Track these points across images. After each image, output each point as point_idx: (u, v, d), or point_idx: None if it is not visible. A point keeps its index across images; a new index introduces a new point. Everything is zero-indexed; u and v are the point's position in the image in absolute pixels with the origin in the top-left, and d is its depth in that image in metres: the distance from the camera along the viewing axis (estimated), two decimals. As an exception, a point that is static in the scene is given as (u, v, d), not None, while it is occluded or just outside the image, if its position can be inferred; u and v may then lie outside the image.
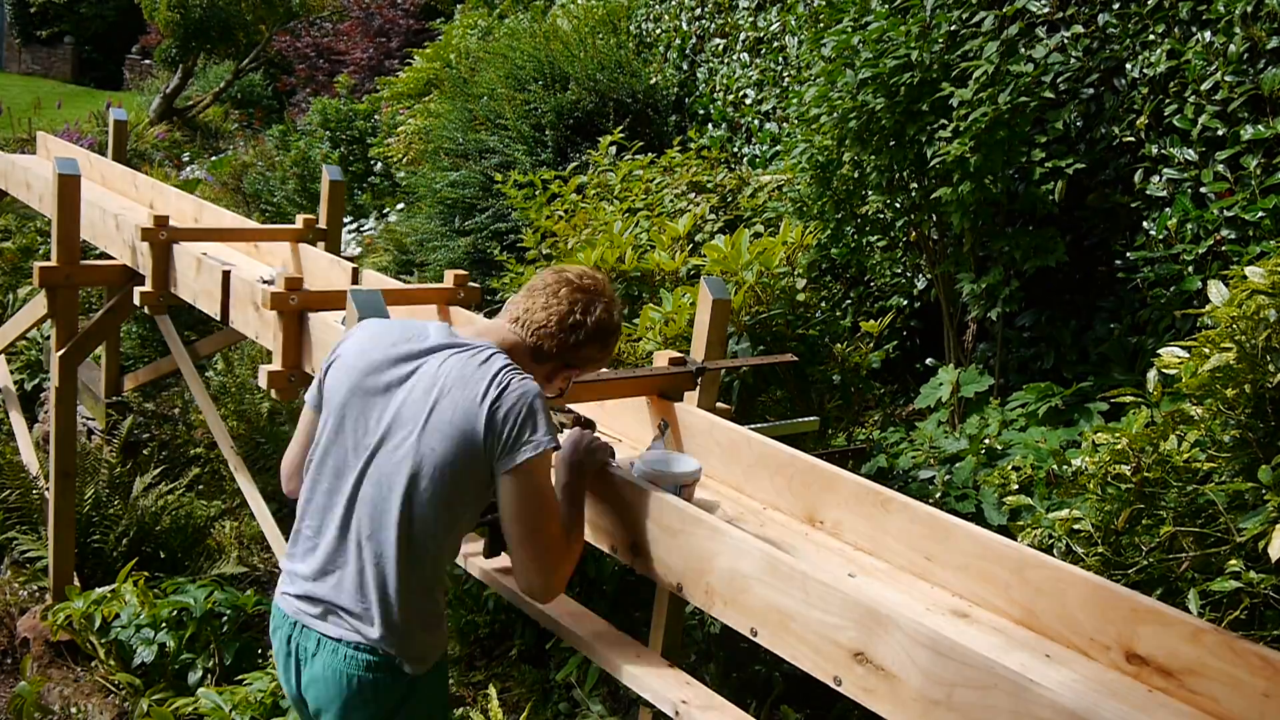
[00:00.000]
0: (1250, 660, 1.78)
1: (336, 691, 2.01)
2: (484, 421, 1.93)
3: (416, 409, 1.97)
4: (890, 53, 3.68)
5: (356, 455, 2.01)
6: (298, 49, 13.62)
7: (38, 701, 3.87)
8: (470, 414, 1.94)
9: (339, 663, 2.00)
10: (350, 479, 2.01)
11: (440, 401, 1.96)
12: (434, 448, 1.95)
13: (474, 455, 1.95)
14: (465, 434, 1.94)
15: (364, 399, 2.02)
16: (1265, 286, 2.30)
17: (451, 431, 1.94)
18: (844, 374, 3.83)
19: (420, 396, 1.98)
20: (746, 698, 3.41)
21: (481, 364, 2.00)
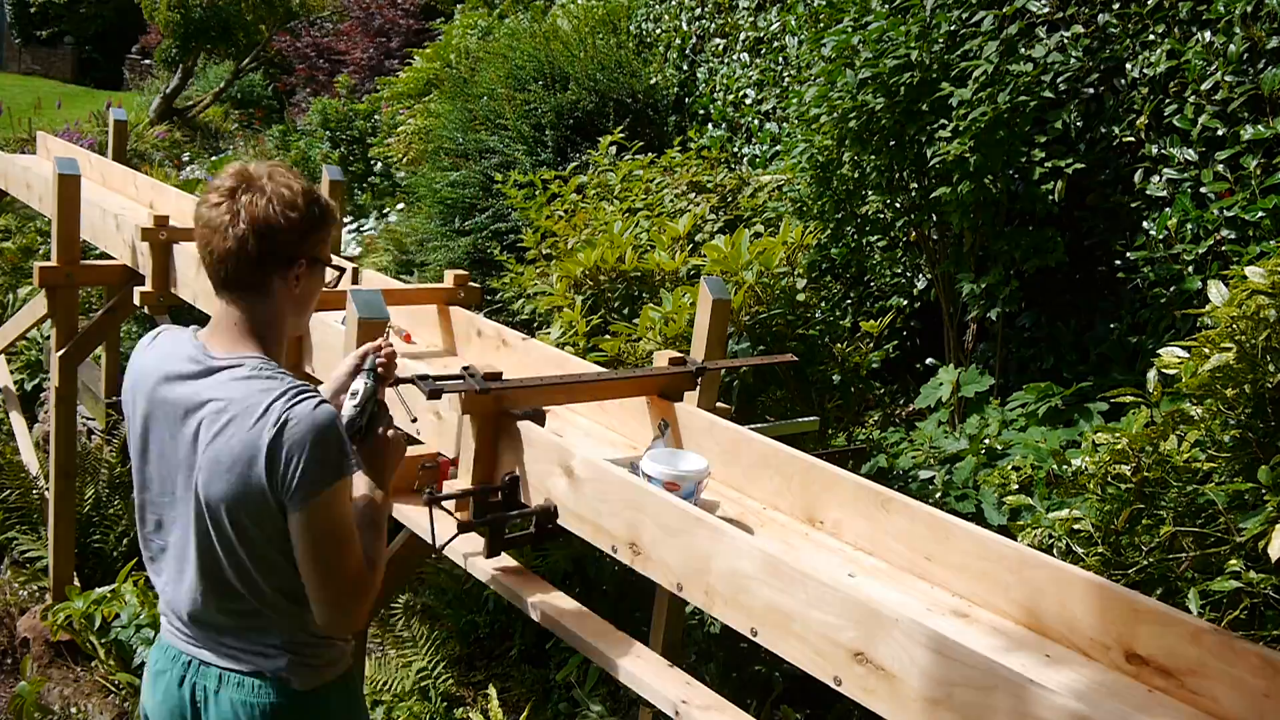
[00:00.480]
0: (1250, 660, 1.78)
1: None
2: (263, 461, 1.73)
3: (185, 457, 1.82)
4: (890, 53, 3.68)
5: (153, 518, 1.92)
6: (298, 49, 13.62)
7: (38, 701, 3.87)
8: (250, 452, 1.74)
9: (243, 694, 1.88)
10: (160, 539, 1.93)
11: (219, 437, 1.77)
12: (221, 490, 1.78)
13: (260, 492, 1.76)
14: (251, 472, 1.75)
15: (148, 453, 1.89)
16: (1265, 286, 2.30)
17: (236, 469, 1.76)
18: (844, 374, 3.83)
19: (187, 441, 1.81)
20: (746, 698, 3.41)
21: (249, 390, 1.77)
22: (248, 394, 1.77)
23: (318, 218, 1.87)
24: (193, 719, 1.92)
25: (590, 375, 2.81)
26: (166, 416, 1.86)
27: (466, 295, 3.50)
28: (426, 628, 4.11)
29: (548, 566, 3.74)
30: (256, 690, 1.88)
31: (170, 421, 1.85)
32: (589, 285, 3.99)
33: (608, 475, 2.22)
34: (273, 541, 1.81)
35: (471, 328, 3.41)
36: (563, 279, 3.98)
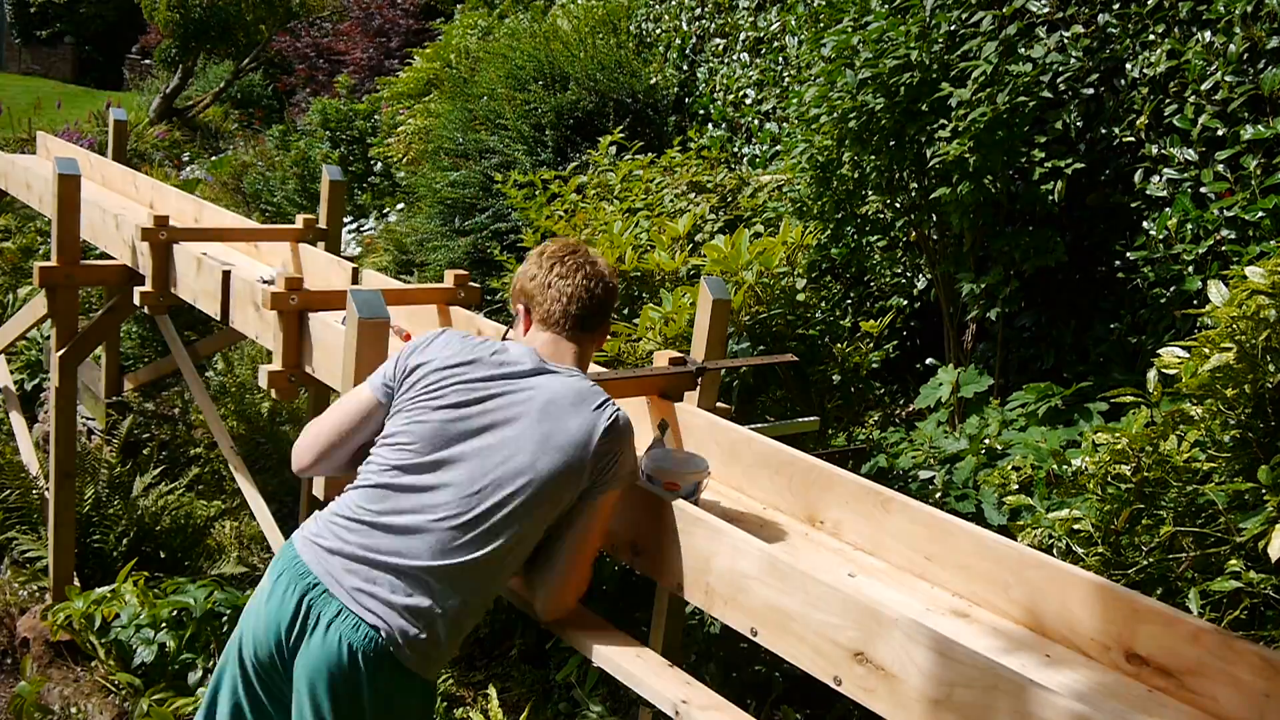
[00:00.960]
0: (1250, 660, 1.78)
1: (343, 664, 1.96)
2: (594, 448, 2.06)
3: (528, 424, 2.07)
4: (890, 53, 3.68)
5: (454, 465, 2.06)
6: (298, 49, 13.62)
7: (38, 701, 3.87)
8: (583, 438, 2.06)
9: (356, 639, 1.96)
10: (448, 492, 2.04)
11: (553, 420, 2.07)
12: (543, 465, 2.04)
13: (574, 478, 2.06)
14: (574, 455, 2.05)
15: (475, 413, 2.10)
16: (1265, 286, 2.30)
17: (564, 450, 2.05)
18: (844, 374, 3.83)
19: (530, 412, 2.08)
20: (746, 698, 3.41)
21: (590, 388, 2.15)
22: (582, 391, 2.13)
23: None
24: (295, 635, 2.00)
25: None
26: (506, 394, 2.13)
27: (466, 295, 3.50)
28: (426, 628, 4.10)
29: (548, 566, 3.74)
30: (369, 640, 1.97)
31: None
32: (589, 285, 3.99)
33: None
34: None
35: (472, 328, 3.41)
36: (563, 279, 3.97)
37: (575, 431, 2.07)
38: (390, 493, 2.04)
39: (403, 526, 2.02)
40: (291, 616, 2.00)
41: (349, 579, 1.99)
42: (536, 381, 2.13)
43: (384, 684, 1.98)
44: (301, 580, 2.01)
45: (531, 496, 2.03)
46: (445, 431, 2.07)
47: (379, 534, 2.02)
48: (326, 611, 1.97)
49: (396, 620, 1.97)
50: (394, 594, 1.98)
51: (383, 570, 1.99)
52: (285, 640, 2.01)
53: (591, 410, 2.10)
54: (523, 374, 2.14)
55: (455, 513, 2.02)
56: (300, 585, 2.00)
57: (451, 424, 2.08)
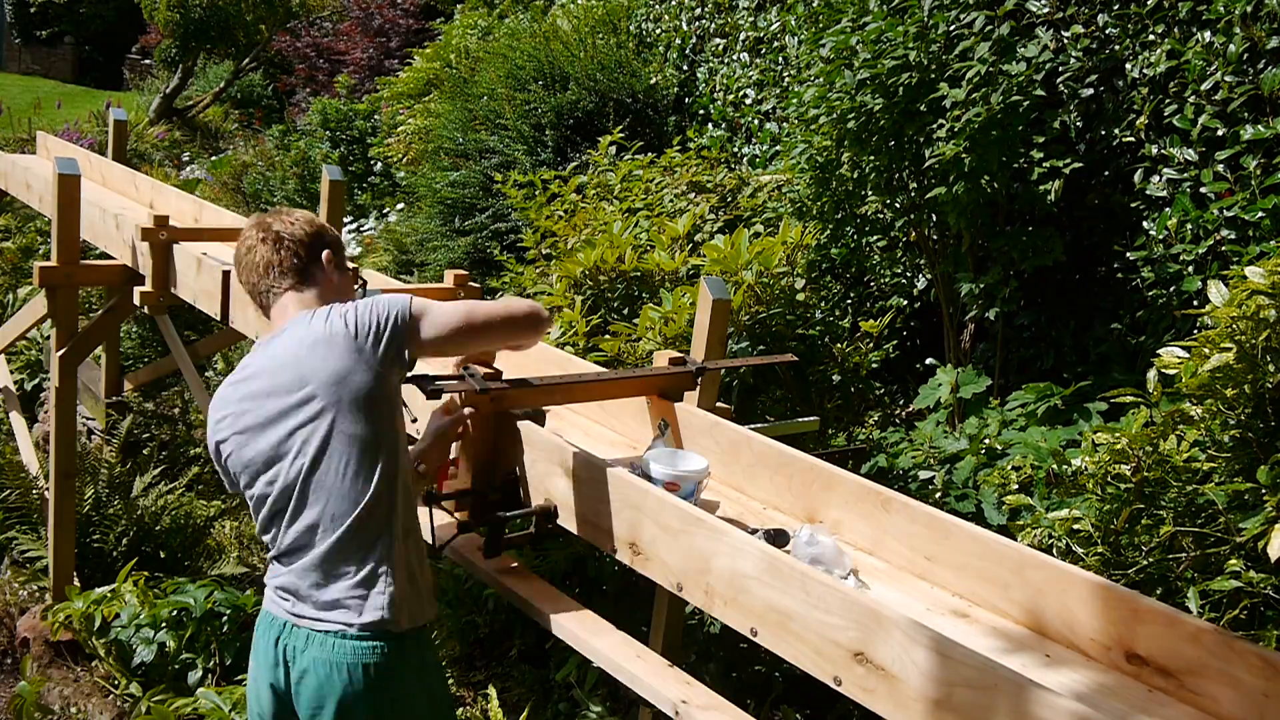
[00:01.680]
0: (1250, 660, 1.78)
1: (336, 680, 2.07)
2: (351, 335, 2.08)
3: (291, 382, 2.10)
4: (888, 53, 3.68)
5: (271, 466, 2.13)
6: (298, 49, 13.62)
7: (38, 701, 3.87)
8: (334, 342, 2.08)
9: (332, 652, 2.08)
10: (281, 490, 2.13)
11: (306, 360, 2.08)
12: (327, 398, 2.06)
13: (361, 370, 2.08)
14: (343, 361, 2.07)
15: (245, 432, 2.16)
16: (1265, 286, 2.31)
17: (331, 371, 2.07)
18: (844, 374, 3.83)
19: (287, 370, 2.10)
20: (746, 698, 3.41)
21: (312, 317, 2.14)
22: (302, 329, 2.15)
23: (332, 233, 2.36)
24: None
25: (590, 375, 2.81)
26: None
27: (466, 295, 3.50)
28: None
29: (548, 566, 3.74)
30: None
31: None
32: (589, 285, 4.00)
33: (607, 475, 2.22)
34: None
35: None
36: (562, 279, 3.98)
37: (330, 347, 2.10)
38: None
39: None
40: (274, 661, 2.15)
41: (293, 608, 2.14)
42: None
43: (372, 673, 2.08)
44: (271, 626, 2.17)
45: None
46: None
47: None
48: (298, 643, 2.11)
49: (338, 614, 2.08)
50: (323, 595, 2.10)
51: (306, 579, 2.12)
52: (277, 683, 2.16)
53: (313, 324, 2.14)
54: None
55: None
56: (272, 631, 2.17)
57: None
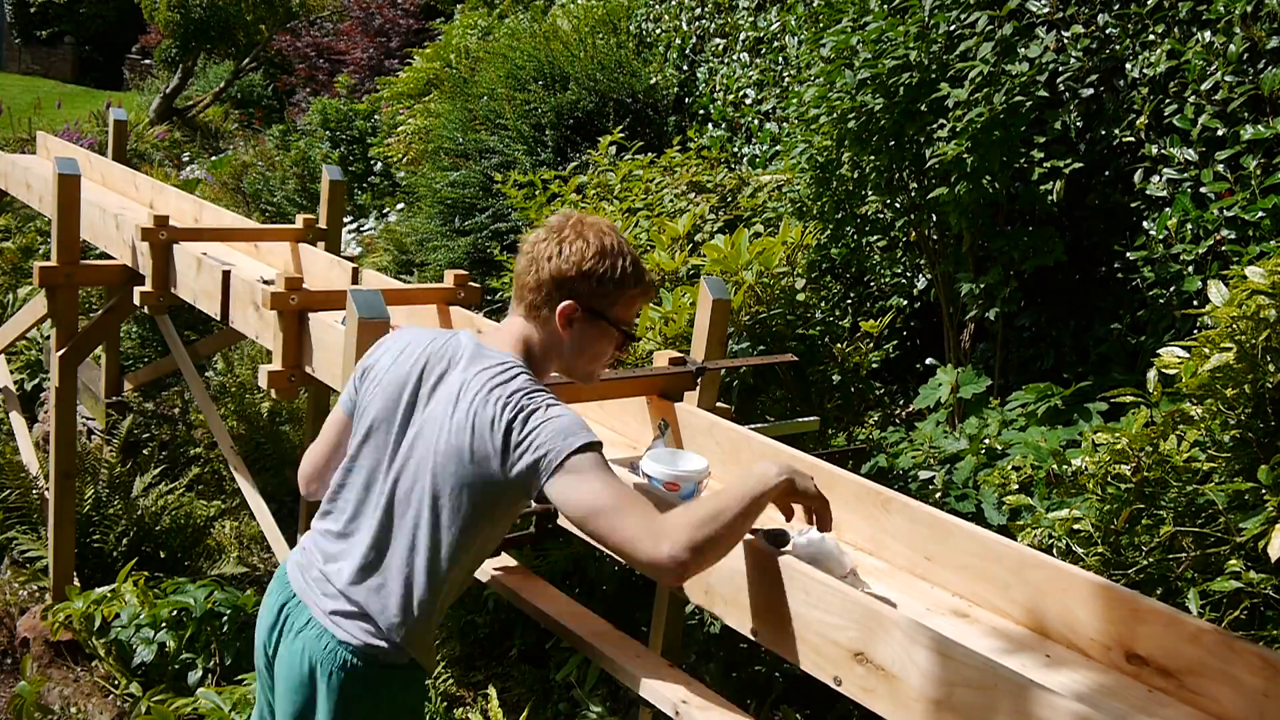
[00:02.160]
0: (1250, 660, 1.78)
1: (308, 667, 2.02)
2: (499, 444, 1.86)
3: (437, 426, 1.93)
4: (889, 53, 3.68)
5: (384, 468, 2.00)
6: (298, 49, 13.62)
7: (38, 701, 3.87)
8: (484, 436, 1.87)
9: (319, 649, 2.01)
10: (377, 491, 2.01)
11: (458, 419, 1.90)
12: (449, 467, 1.90)
13: (489, 475, 1.88)
14: (478, 454, 1.88)
15: (394, 412, 2.01)
16: (1265, 286, 2.31)
17: (464, 450, 1.89)
18: (844, 374, 3.83)
19: (442, 413, 1.93)
20: (746, 698, 3.41)
21: (501, 382, 1.90)
22: (485, 386, 1.90)
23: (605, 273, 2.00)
24: None
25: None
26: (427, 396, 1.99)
27: (466, 295, 3.50)
28: (426, 628, 4.10)
29: (548, 566, 3.74)
30: None
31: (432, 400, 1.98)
32: (589, 285, 3.99)
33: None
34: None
35: (472, 327, 3.41)
36: (563, 279, 3.97)
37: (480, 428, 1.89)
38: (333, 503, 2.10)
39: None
40: (272, 623, 2.10)
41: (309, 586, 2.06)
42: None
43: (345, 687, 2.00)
44: (284, 591, 2.10)
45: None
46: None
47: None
48: (299, 621, 2.04)
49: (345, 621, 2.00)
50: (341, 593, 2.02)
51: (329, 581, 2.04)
52: (268, 644, 2.11)
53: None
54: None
55: None
56: (282, 595, 2.10)
57: None
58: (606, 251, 1.99)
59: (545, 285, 1.98)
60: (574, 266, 1.97)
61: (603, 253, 1.99)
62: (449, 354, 2.01)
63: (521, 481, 1.86)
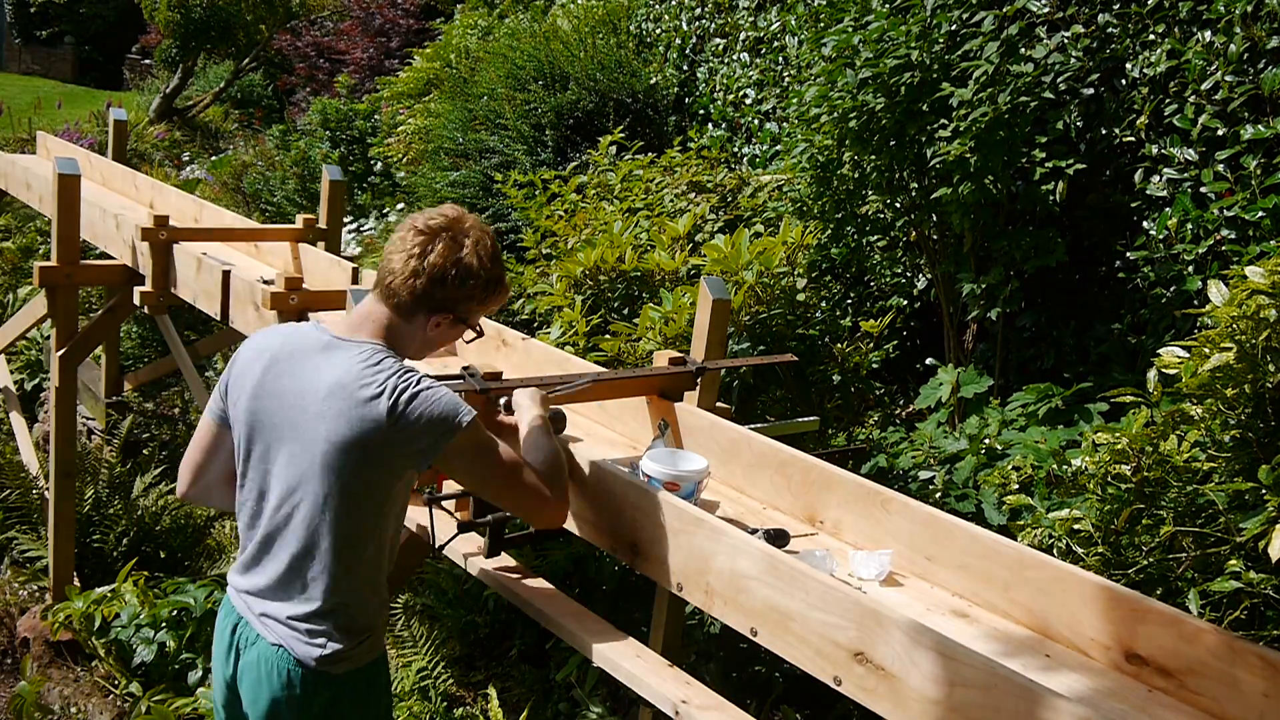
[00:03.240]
0: (1250, 660, 1.78)
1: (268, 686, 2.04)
2: (388, 429, 1.92)
3: (313, 421, 1.96)
4: (890, 52, 3.68)
5: (272, 476, 2.03)
6: (298, 49, 13.62)
7: (38, 701, 3.87)
8: (369, 420, 1.92)
9: (274, 657, 2.03)
10: (273, 501, 2.03)
11: (336, 410, 1.94)
12: (336, 458, 1.94)
13: (380, 456, 1.96)
14: (364, 438, 1.93)
15: (264, 420, 2.03)
16: (1265, 286, 2.30)
17: (349, 438, 1.93)
18: (844, 374, 3.83)
19: (316, 407, 1.96)
20: (746, 698, 3.41)
21: (372, 366, 1.97)
22: (352, 372, 1.96)
23: (487, 293, 2.09)
24: None
25: (590, 375, 2.81)
26: (285, 390, 2.01)
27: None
28: (426, 628, 4.11)
29: (548, 566, 3.74)
30: None
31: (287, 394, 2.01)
32: (589, 285, 3.99)
33: (608, 475, 2.22)
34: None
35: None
36: (563, 279, 3.98)
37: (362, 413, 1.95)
38: None
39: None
40: (228, 646, 2.13)
41: (247, 605, 2.10)
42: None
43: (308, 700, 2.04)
44: (230, 614, 2.14)
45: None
46: None
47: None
48: (251, 639, 2.07)
49: (286, 632, 2.03)
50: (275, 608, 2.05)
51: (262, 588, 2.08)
52: (226, 671, 2.14)
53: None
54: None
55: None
56: (230, 618, 2.14)
57: None
58: (495, 272, 2.08)
59: (430, 297, 2.02)
60: (464, 288, 2.03)
61: (491, 274, 2.07)
62: (302, 349, 2.03)
63: (415, 455, 1.97)
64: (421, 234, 2.03)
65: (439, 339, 2.12)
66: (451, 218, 2.06)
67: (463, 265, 2.02)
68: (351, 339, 2.03)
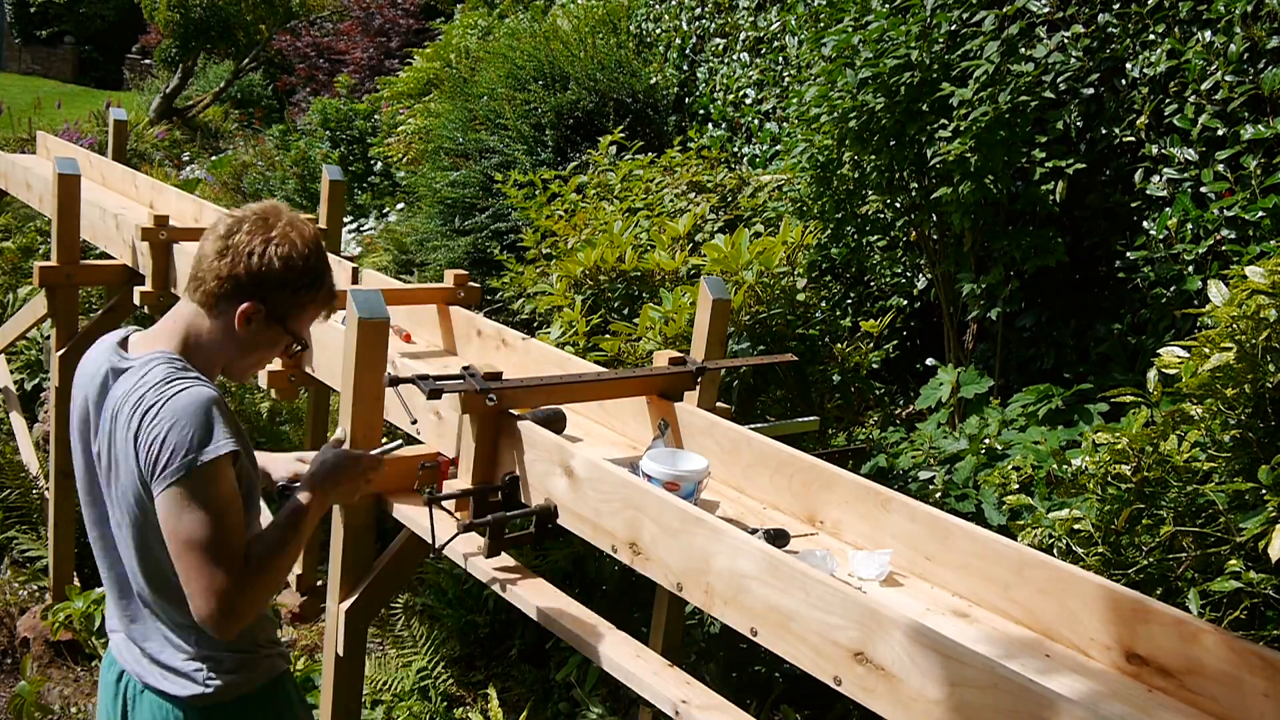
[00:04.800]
0: (1250, 660, 1.78)
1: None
2: (133, 450, 1.78)
3: (109, 450, 1.84)
4: (890, 52, 3.68)
5: (94, 514, 1.95)
6: (298, 49, 13.62)
7: (38, 701, 3.87)
8: (128, 445, 1.79)
9: (158, 708, 1.94)
10: (100, 540, 1.97)
11: (118, 436, 1.81)
12: (131, 487, 1.81)
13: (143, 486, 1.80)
14: (129, 462, 1.79)
15: (80, 453, 1.93)
16: (1265, 286, 2.30)
17: (131, 466, 1.79)
18: (844, 374, 3.83)
19: (109, 436, 1.83)
20: (746, 698, 3.41)
21: (135, 384, 1.81)
22: (128, 393, 1.81)
23: (301, 282, 1.92)
24: None
25: (590, 375, 2.81)
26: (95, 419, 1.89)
27: (466, 295, 3.50)
28: (426, 628, 4.11)
29: (548, 566, 3.74)
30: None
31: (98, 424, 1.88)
32: (589, 285, 4.00)
33: (608, 475, 2.22)
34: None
35: (471, 327, 3.41)
36: (563, 279, 3.98)
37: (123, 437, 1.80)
38: None
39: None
40: (114, 696, 2.01)
41: (127, 653, 2.00)
42: None
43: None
44: (113, 666, 2.03)
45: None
46: None
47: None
48: (135, 690, 1.98)
49: (160, 674, 1.94)
50: (147, 650, 1.96)
51: (129, 632, 1.99)
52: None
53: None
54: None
55: None
56: (114, 669, 2.03)
57: None
58: (310, 261, 1.93)
59: (237, 280, 1.86)
60: (275, 271, 1.87)
61: (306, 262, 1.92)
62: (97, 376, 1.89)
63: (142, 483, 1.79)
64: (231, 218, 1.91)
65: (253, 343, 1.92)
66: (267, 206, 1.94)
67: (273, 243, 1.87)
68: (138, 356, 1.87)
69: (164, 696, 1.93)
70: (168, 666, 1.93)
